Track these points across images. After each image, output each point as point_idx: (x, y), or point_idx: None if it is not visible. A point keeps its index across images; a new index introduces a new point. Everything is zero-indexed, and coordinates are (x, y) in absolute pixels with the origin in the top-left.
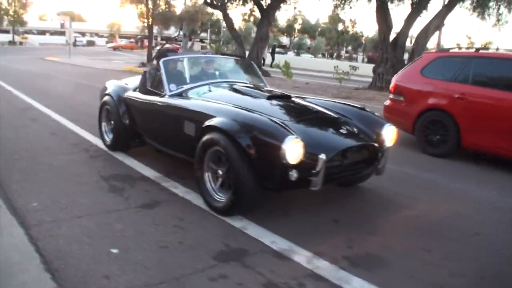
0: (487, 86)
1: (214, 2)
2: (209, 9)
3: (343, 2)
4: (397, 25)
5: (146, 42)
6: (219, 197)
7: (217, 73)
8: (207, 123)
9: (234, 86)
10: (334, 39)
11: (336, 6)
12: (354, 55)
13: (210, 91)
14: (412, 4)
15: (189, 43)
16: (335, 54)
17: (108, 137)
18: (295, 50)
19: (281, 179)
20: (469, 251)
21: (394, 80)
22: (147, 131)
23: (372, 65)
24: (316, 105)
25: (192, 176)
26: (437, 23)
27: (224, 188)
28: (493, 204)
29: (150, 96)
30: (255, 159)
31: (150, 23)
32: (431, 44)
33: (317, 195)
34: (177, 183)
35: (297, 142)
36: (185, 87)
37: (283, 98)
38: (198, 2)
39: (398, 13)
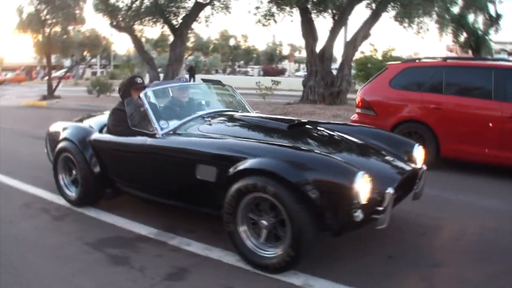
0: (461, 94)
1: (122, 25)
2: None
3: (267, 17)
4: (321, 37)
5: (34, 74)
6: (269, 253)
7: (203, 102)
8: (242, 166)
9: (236, 116)
10: (227, 54)
11: (258, 21)
12: (249, 69)
13: (211, 125)
14: (333, 17)
15: (80, 70)
16: (228, 70)
17: (71, 191)
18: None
19: (346, 222)
20: None
21: (360, 94)
22: (128, 179)
23: (284, 78)
24: (335, 130)
25: (201, 227)
26: (364, 33)
27: (270, 240)
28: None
29: (130, 137)
30: (316, 203)
31: (48, 52)
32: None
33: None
34: (189, 239)
35: (367, 178)
36: (178, 122)
37: (302, 125)
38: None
39: (322, 25)
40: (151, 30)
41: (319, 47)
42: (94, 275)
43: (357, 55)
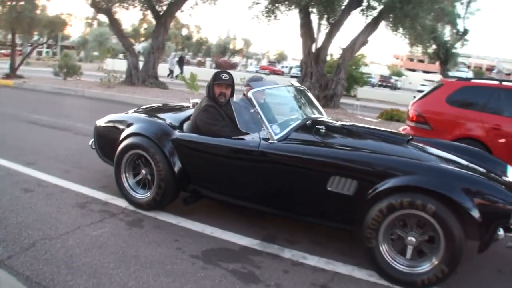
0: None
1: (102, 6)
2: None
3: (268, 14)
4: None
5: None
6: (418, 269)
7: (291, 105)
8: (399, 182)
9: (346, 126)
10: (179, 44)
11: (256, 17)
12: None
13: (327, 133)
14: (328, 20)
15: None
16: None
17: (139, 193)
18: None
19: (490, 240)
20: None
21: (414, 107)
22: (221, 184)
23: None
24: (436, 146)
25: (300, 237)
26: (362, 39)
27: (417, 256)
28: None
29: (235, 140)
30: (476, 222)
31: (13, 28)
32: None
33: None
34: (301, 252)
35: None
36: (286, 127)
37: (411, 141)
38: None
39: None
40: (130, 15)
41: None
42: None
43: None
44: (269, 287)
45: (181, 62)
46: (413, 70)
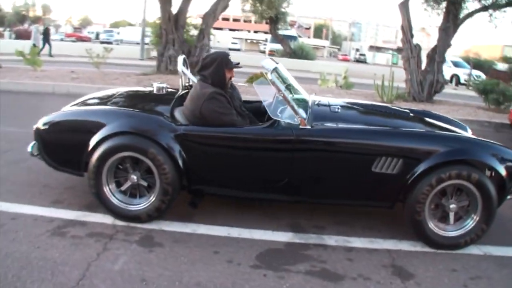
0: None
1: None
2: None
3: None
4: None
5: None
6: (460, 231)
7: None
8: (447, 157)
9: (351, 104)
10: None
11: None
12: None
13: (343, 113)
14: None
15: None
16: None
17: (133, 204)
18: None
19: (507, 195)
20: None
21: None
22: (241, 180)
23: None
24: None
25: (324, 221)
26: (223, 4)
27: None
28: None
29: (265, 129)
30: (503, 182)
31: None
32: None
33: None
34: (341, 236)
35: None
36: (308, 111)
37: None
38: None
39: None
40: None
41: None
42: None
43: (153, 19)
44: (356, 279)
45: (47, 35)
46: (220, 29)
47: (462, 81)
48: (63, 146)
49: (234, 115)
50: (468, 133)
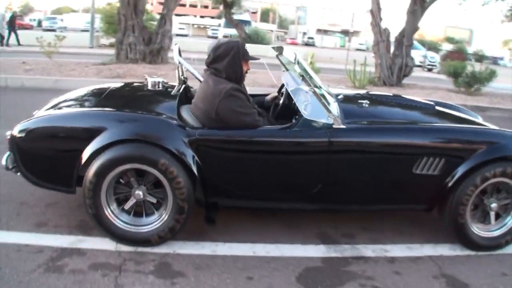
0: None
1: None
2: None
3: None
4: None
5: None
6: (500, 230)
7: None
8: (499, 153)
9: (374, 97)
10: None
11: None
12: None
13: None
14: None
15: None
16: None
17: (142, 225)
18: None
19: None
20: None
21: None
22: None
23: None
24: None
25: (351, 228)
26: None
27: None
28: None
29: (293, 131)
30: None
31: None
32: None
33: None
34: (377, 245)
35: None
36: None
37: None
38: None
39: None
40: None
41: None
42: None
43: (102, 4)
44: None
45: (13, 22)
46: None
47: (417, 63)
48: (47, 157)
49: (256, 114)
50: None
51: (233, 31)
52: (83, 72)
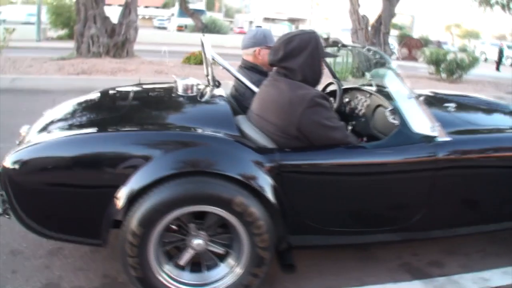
0: None
1: None
2: None
3: None
4: None
5: None
6: None
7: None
8: None
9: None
10: None
11: None
12: None
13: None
14: None
15: None
16: None
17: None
18: None
19: None
20: None
21: None
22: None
23: None
24: None
25: (436, 253)
26: None
27: None
28: None
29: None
30: None
31: None
32: None
33: None
34: (475, 273)
35: None
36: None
37: None
38: None
39: None
40: None
41: None
42: None
43: None
44: None
45: None
46: (109, 5)
47: None
48: (62, 198)
49: (345, 128)
50: None
51: (188, 21)
52: (42, 69)
